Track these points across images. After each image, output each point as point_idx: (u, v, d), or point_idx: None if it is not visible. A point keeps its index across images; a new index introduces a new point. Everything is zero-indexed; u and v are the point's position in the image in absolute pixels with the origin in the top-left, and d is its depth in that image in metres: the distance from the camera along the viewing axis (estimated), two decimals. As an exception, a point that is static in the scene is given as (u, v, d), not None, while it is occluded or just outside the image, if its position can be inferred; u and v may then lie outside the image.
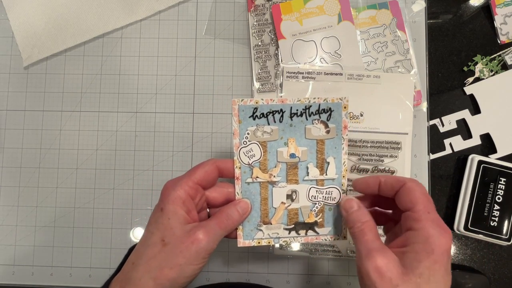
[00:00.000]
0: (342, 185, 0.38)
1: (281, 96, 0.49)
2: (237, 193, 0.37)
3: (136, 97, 0.52)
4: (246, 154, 0.37)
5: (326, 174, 0.38)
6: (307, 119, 0.37)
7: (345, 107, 0.37)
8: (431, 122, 0.50)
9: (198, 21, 0.53)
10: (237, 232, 0.38)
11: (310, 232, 0.38)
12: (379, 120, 0.48)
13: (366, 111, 0.48)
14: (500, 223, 0.47)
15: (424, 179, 0.49)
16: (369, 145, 0.48)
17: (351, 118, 0.48)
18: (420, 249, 0.30)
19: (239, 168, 0.37)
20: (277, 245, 0.37)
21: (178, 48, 0.52)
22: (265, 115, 0.37)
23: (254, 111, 0.37)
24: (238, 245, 0.38)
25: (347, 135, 0.37)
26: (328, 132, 0.37)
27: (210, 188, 0.37)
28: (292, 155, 0.37)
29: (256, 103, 0.37)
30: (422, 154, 0.50)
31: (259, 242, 0.38)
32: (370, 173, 0.48)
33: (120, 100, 0.52)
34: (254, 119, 0.37)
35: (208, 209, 0.38)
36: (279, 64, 0.50)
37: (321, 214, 0.38)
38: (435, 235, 0.30)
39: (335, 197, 0.38)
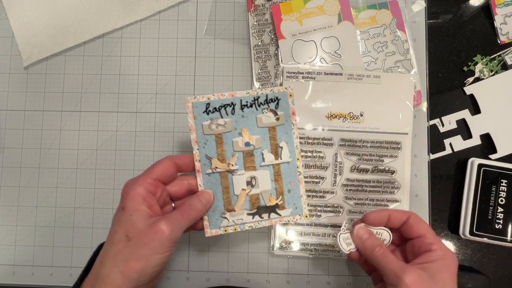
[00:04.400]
0: (298, 167, 0.40)
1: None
2: (200, 185, 0.39)
3: (136, 97, 0.52)
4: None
5: (281, 158, 0.40)
6: (257, 109, 0.40)
7: (290, 95, 0.40)
8: (431, 122, 0.50)
9: (198, 21, 0.53)
10: (204, 222, 0.39)
11: (272, 215, 0.40)
12: (379, 120, 0.48)
13: (366, 111, 0.48)
14: (505, 225, 0.46)
15: (424, 179, 0.49)
16: (369, 145, 0.48)
17: (351, 118, 0.48)
18: (441, 264, 0.35)
19: (199, 161, 0.39)
20: (243, 230, 0.40)
21: (178, 48, 0.52)
22: (218, 109, 0.39)
23: (207, 106, 0.39)
24: (206, 235, 0.39)
25: (296, 120, 0.40)
26: (278, 119, 0.40)
27: (171, 183, 0.39)
28: (247, 144, 0.40)
29: (208, 99, 0.39)
30: (422, 154, 0.50)
31: (225, 230, 0.40)
32: (370, 173, 0.48)
33: (120, 100, 0.52)
34: (207, 113, 0.39)
35: (173, 204, 0.40)
36: (279, 64, 0.50)
37: (281, 196, 0.40)
38: (450, 253, 0.36)
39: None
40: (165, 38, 0.53)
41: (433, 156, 0.50)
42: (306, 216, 0.41)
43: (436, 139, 0.50)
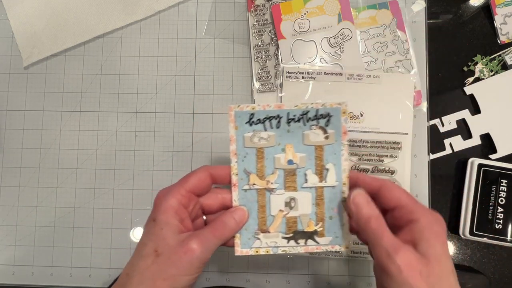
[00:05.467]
0: (343, 192, 0.36)
1: (281, 96, 0.49)
2: (234, 200, 0.37)
3: (136, 97, 0.52)
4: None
5: (326, 181, 0.37)
6: (304, 125, 0.36)
7: (344, 112, 0.36)
8: (431, 122, 0.50)
9: (198, 21, 0.53)
10: (235, 240, 0.37)
11: (309, 242, 0.37)
12: (379, 120, 0.48)
13: (366, 111, 0.48)
14: (505, 225, 0.46)
15: (424, 179, 0.49)
16: (369, 145, 0.48)
17: (351, 118, 0.48)
18: (429, 236, 0.31)
19: (236, 174, 0.36)
20: (275, 253, 0.37)
21: (178, 48, 0.52)
22: (262, 121, 0.36)
23: (251, 117, 0.36)
24: (236, 254, 0.37)
25: (347, 140, 0.36)
26: (327, 138, 0.36)
27: (204, 195, 0.36)
28: (290, 162, 0.37)
29: (253, 108, 0.36)
30: (422, 154, 0.50)
31: (257, 251, 0.37)
32: (370, 173, 0.48)
33: (120, 100, 0.52)
34: (250, 125, 0.36)
35: (204, 217, 0.38)
36: (279, 64, 0.50)
37: (321, 222, 0.37)
38: (435, 219, 0.32)
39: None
40: (165, 38, 0.53)
41: (433, 156, 0.50)
42: (347, 247, 0.37)
43: (436, 139, 0.50)
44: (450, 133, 0.50)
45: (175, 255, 0.32)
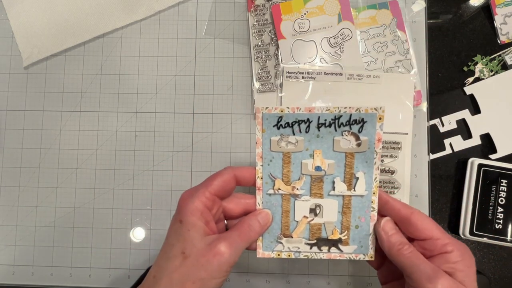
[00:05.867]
0: (372, 202, 0.35)
1: (281, 96, 0.49)
2: (258, 203, 0.36)
3: (136, 97, 0.52)
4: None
5: (355, 190, 0.35)
6: (336, 130, 0.34)
7: (380, 118, 0.34)
8: (431, 122, 0.50)
9: (198, 21, 0.53)
10: (257, 242, 0.36)
11: (333, 249, 0.36)
12: (379, 120, 0.48)
13: (366, 111, 0.48)
14: (505, 225, 0.46)
15: (424, 179, 0.49)
16: (369, 145, 0.48)
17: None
18: (463, 266, 0.32)
19: (261, 178, 0.36)
20: (297, 258, 0.37)
21: (178, 48, 0.52)
22: (290, 125, 0.35)
23: (279, 120, 0.34)
24: (258, 256, 0.36)
25: (380, 148, 0.34)
26: (359, 145, 0.34)
27: (227, 199, 0.36)
28: (318, 168, 0.35)
29: (281, 111, 0.34)
30: (422, 154, 0.49)
31: (278, 254, 0.37)
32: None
33: (120, 100, 0.52)
34: (278, 128, 0.35)
35: (225, 221, 0.37)
36: (279, 64, 0.50)
37: (346, 231, 0.36)
38: (466, 252, 0.33)
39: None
40: (165, 38, 0.53)
41: (433, 156, 0.50)
42: (372, 257, 0.36)
43: (436, 139, 0.50)
44: (450, 133, 0.50)
45: (204, 257, 0.32)
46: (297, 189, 0.36)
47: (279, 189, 0.36)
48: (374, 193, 0.35)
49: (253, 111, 0.51)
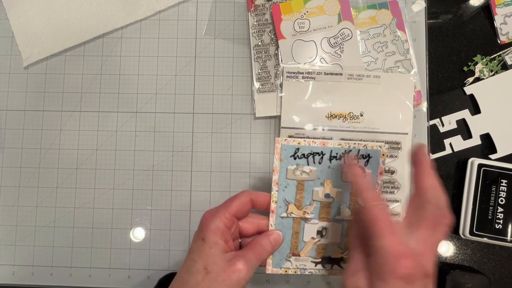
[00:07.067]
0: None
1: (281, 96, 0.49)
2: (271, 224, 0.39)
3: (136, 97, 0.52)
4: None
5: None
6: (345, 163, 0.39)
7: (383, 155, 0.39)
8: (431, 122, 0.50)
9: (198, 21, 0.53)
10: (267, 260, 0.39)
11: (335, 267, 0.40)
12: (379, 120, 0.48)
13: (366, 111, 0.48)
14: (505, 225, 0.46)
15: (424, 179, 0.49)
16: (369, 145, 0.48)
17: (351, 118, 0.48)
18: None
19: (275, 202, 0.39)
20: (302, 274, 0.41)
21: (178, 48, 0.52)
22: (306, 156, 0.39)
23: (296, 151, 0.39)
24: (267, 272, 0.40)
25: (381, 181, 0.39)
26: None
27: (243, 219, 0.39)
28: (327, 195, 0.39)
29: (298, 143, 0.38)
30: (422, 154, 0.49)
31: (286, 271, 0.40)
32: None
33: (120, 100, 0.52)
34: (295, 158, 0.39)
35: (239, 239, 0.40)
36: (279, 64, 0.50)
37: (348, 251, 0.39)
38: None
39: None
40: (165, 38, 0.53)
41: (433, 156, 0.50)
42: None
43: (436, 139, 0.50)
44: (450, 133, 0.50)
45: (224, 273, 0.34)
46: (308, 213, 0.39)
47: (291, 213, 0.39)
48: None
49: (253, 111, 0.51)
